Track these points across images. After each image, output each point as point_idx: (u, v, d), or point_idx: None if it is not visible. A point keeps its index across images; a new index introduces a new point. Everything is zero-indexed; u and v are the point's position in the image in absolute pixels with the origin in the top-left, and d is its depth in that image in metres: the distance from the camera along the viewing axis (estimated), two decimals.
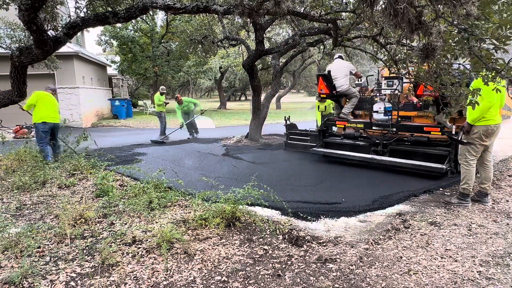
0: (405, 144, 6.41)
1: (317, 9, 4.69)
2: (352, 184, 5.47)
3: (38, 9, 4.12)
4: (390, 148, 6.43)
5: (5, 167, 5.89)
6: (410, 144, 6.33)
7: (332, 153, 7.03)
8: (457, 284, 2.63)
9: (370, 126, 6.70)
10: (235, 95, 51.15)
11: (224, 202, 3.81)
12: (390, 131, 6.34)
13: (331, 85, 7.27)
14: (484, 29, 2.42)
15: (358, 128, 6.96)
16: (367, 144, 6.77)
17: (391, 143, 6.42)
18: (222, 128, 14.49)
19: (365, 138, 6.95)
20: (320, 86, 7.40)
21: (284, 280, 2.72)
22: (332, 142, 7.38)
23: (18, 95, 5.05)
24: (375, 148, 6.55)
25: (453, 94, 3.18)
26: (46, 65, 8.16)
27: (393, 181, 5.60)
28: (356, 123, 6.96)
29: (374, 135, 6.72)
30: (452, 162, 5.66)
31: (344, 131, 7.35)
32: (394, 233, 3.57)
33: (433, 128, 5.83)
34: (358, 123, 6.95)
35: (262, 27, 9.04)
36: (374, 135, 6.74)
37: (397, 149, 6.37)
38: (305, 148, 8.21)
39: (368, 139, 6.79)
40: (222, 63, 23.39)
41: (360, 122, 6.95)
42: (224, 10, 4.84)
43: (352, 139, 7.10)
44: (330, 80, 7.25)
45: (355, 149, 6.87)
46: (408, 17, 2.30)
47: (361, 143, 6.90)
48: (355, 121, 7.08)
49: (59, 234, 3.41)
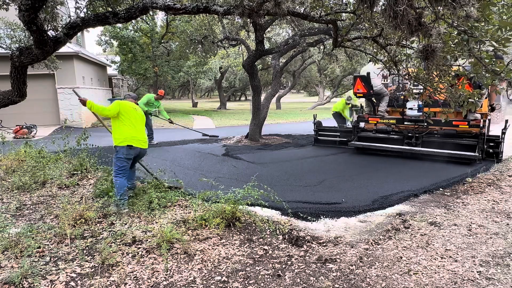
0: (435, 137, 7.35)
1: (317, 9, 4.70)
2: (352, 184, 5.48)
3: (38, 10, 4.12)
4: (422, 140, 7.33)
5: (5, 167, 5.89)
6: (440, 136, 7.31)
7: (371, 146, 7.85)
8: (457, 284, 2.64)
9: (402, 122, 7.65)
10: (235, 95, 51.15)
11: (224, 202, 3.82)
12: (423, 125, 7.24)
13: (368, 85, 8.08)
14: (484, 31, 2.42)
15: (390, 124, 7.84)
16: (400, 137, 7.64)
17: (423, 135, 7.33)
18: (222, 128, 14.49)
19: (397, 132, 7.79)
20: (357, 86, 8.25)
21: (284, 280, 2.73)
22: (366, 136, 8.19)
23: (18, 95, 5.04)
24: (409, 140, 7.44)
25: (452, 96, 3.18)
26: (46, 65, 8.16)
27: (393, 181, 5.61)
28: (388, 119, 7.90)
29: (406, 129, 7.59)
30: (480, 150, 6.67)
31: (375, 127, 8.19)
32: (394, 233, 3.57)
33: (461, 122, 6.97)
34: (390, 118, 7.89)
35: (262, 27, 9.05)
36: (406, 129, 7.61)
37: (429, 141, 7.30)
38: (334, 143, 9.08)
39: (400, 133, 7.67)
40: (222, 63, 23.39)
41: (392, 118, 7.88)
42: (224, 10, 4.84)
43: (385, 133, 7.96)
44: (368, 81, 8.06)
45: (388, 142, 7.77)
46: (407, 18, 2.30)
47: (394, 136, 7.78)
48: (388, 117, 8.00)
49: (59, 234, 3.41)
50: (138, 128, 4.47)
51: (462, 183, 5.43)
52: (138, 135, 4.46)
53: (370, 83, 8.06)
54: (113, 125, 4.44)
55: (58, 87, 14.62)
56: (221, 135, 11.51)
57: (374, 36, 4.00)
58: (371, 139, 8.08)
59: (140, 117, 4.56)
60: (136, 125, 4.47)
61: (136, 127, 4.45)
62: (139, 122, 4.52)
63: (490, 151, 6.98)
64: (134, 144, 4.38)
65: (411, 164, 6.81)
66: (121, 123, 4.38)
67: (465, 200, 4.62)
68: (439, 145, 7.10)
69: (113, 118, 4.41)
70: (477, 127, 6.88)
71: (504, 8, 2.39)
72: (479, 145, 6.76)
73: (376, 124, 8.15)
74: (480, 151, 6.74)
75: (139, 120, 4.54)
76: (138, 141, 4.43)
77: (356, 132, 8.37)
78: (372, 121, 8.20)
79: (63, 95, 14.72)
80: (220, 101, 29.88)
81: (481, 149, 6.81)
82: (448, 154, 6.77)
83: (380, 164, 7.01)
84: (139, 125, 4.51)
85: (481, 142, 6.79)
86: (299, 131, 12.58)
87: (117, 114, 4.36)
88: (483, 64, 2.46)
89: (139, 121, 4.54)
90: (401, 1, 2.23)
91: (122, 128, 4.37)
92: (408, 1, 2.24)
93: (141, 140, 4.48)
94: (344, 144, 8.70)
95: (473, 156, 6.54)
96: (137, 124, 4.48)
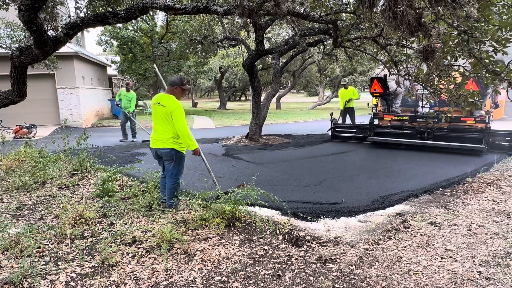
0: (444, 131, 8.15)
1: (317, 9, 4.70)
2: (352, 184, 5.48)
3: (38, 10, 4.12)
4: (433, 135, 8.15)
5: (5, 167, 5.89)
6: (449, 131, 8.10)
7: (387, 140, 8.64)
8: (457, 284, 2.64)
9: (415, 118, 8.45)
10: (235, 95, 51.11)
11: (224, 202, 3.82)
12: (434, 121, 7.86)
13: (385, 86, 8.93)
14: (484, 31, 2.42)
15: (403, 120, 8.68)
16: (413, 132, 8.44)
17: (434, 130, 8.13)
18: (222, 128, 14.49)
19: (409, 128, 8.55)
20: (374, 86, 9.08)
21: (284, 280, 2.73)
22: (382, 132, 9.01)
23: (18, 95, 5.04)
24: (421, 135, 8.25)
25: (452, 96, 3.18)
26: (46, 65, 8.15)
27: (393, 181, 5.61)
28: (402, 116, 8.78)
29: (418, 125, 8.39)
30: (486, 143, 7.43)
31: (390, 123, 8.98)
32: (394, 233, 3.57)
33: (467, 118, 7.88)
34: (404, 116, 8.78)
35: (262, 27, 9.05)
36: (418, 125, 8.41)
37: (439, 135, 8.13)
38: (350, 139, 9.79)
39: (413, 128, 8.46)
40: (222, 63, 23.36)
41: (405, 115, 8.76)
42: (224, 10, 4.85)
43: (399, 129, 8.74)
44: (384, 82, 8.88)
45: (402, 137, 8.56)
46: (407, 19, 2.30)
47: (408, 131, 8.56)
48: (402, 114, 8.91)
49: (59, 234, 3.41)
50: (156, 126, 4.08)
51: (462, 183, 5.43)
52: (154, 134, 4.09)
53: (386, 84, 8.93)
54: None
55: (58, 87, 14.62)
56: (221, 135, 11.51)
57: (374, 36, 4.00)
58: (386, 134, 8.92)
59: (160, 112, 4.00)
60: (155, 123, 4.09)
61: (154, 125, 4.11)
62: (158, 118, 4.03)
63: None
64: (151, 145, 4.12)
65: (411, 164, 6.82)
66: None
67: (465, 200, 4.62)
68: (449, 138, 7.94)
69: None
70: (482, 123, 7.68)
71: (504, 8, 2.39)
72: (485, 138, 7.54)
73: (391, 121, 8.99)
74: (485, 143, 7.46)
75: (159, 115, 4.01)
76: (153, 141, 4.09)
77: (372, 128, 9.18)
78: (387, 118, 9.03)
79: (63, 95, 14.72)
80: (220, 101, 29.86)
81: (487, 141, 7.55)
82: (457, 146, 7.58)
83: (380, 164, 7.01)
84: (159, 122, 4.04)
85: (487, 136, 7.59)
86: (299, 131, 12.58)
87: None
88: (483, 65, 2.46)
89: (159, 117, 4.02)
90: (401, 1, 2.23)
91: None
92: (407, 1, 2.24)
93: (156, 139, 4.06)
94: (360, 140, 9.48)
95: (480, 147, 7.32)
96: (156, 120, 4.07)
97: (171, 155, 4.03)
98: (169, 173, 4.11)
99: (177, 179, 4.12)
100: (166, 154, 4.05)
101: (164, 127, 4.00)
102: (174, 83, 4.03)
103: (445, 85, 4.12)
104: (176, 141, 4.02)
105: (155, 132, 4.08)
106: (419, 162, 6.96)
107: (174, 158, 4.04)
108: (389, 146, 8.64)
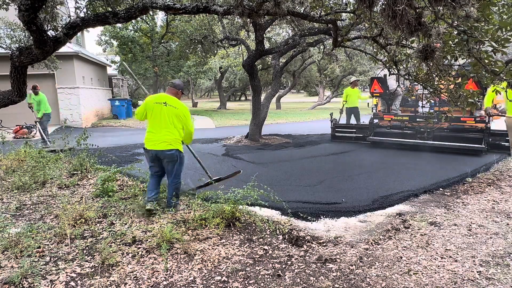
0: (444, 132, 8.10)
1: (317, 9, 4.70)
2: (352, 184, 5.48)
3: (38, 9, 4.11)
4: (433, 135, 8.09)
5: (5, 167, 5.89)
6: (449, 131, 8.07)
7: (387, 140, 8.54)
8: (457, 284, 2.64)
9: (415, 118, 8.38)
10: (235, 95, 51.10)
11: (224, 202, 3.82)
12: (434, 121, 7.73)
13: (385, 86, 8.90)
14: (483, 31, 2.42)
15: (403, 120, 8.60)
16: (413, 132, 8.36)
17: (434, 130, 8.08)
18: (222, 128, 14.48)
19: (409, 128, 8.50)
20: (374, 86, 9.03)
21: (284, 280, 2.73)
22: (382, 132, 8.94)
23: (18, 95, 5.04)
24: (421, 135, 8.15)
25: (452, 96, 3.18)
26: (46, 65, 8.16)
27: (393, 181, 5.61)
28: (402, 116, 8.68)
29: (418, 125, 8.31)
30: (485, 143, 7.37)
31: (390, 123, 8.94)
32: (394, 233, 3.57)
33: (467, 118, 7.83)
34: (404, 116, 8.69)
35: (262, 27, 9.04)
36: (418, 125, 8.33)
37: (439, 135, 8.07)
38: (350, 139, 9.72)
39: (413, 128, 8.39)
40: (222, 63, 23.37)
41: (406, 115, 8.68)
42: (224, 10, 4.84)
43: (399, 129, 8.69)
44: (384, 82, 8.88)
45: (402, 137, 8.48)
46: (407, 18, 2.30)
47: (408, 131, 8.48)
48: (402, 114, 8.81)
49: (59, 234, 3.41)
50: (157, 127, 3.92)
51: (462, 183, 5.43)
52: (154, 135, 3.92)
53: (386, 84, 8.92)
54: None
55: (58, 87, 14.62)
56: (221, 135, 11.51)
57: (374, 36, 3.99)
58: (386, 134, 8.85)
59: (168, 113, 3.89)
60: (155, 123, 3.93)
61: (154, 126, 3.94)
62: (165, 119, 3.89)
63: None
64: (147, 146, 3.97)
65: (411, 164, 6.82)
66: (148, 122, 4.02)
67: (465, 200, 4.62)
68: (449, 138, 7.87)
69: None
70: (482, 123, 7.63)
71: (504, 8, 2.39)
72: (485, 138, 7.50)
73: (391, 121, 8.95)
74: (485, 143, 7.42)
75: (166, 116, 3.89)
76: (152, 142, 3.92)
77: (372, 128, 9.13)
78: (387, 118, 8.97)
79: (63, 95, 14.72)
80: (220, 101, 29.86)
81: (487, 141, 7.50)
82: (457, 146, 7.52)
83: (380, 164, 7.01)
84: (164, 123, 3.90)
85: (487, 136, 7.54)
86: (299, 131, 12.57)
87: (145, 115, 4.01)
88: (483, 64, 2.46)
89: (166, 117, 3.89)
90: (400, 0, 2.23)
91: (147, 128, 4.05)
92: (407, 0, 2.24)
93: (157, 141, 3.90)
94: (360, 140, 9.40)
95: (480, 147, 7.30)
96: (157, 121, 3.91)
97: (175, 156, 4.00)
98: (172, 173, 4.06)
99: (180, 178, 4.21)
100: (170, 155, 3.96)
101: (170, 128, 3.92)
102: (179, 87, 4.18)
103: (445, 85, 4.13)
104: (179, 141, 4.04)
105: (155, 133, 3.94)
106: (419, 162, 6.96)
107: (178, 158, 4.04)
108: (389, 146, 8.61)
